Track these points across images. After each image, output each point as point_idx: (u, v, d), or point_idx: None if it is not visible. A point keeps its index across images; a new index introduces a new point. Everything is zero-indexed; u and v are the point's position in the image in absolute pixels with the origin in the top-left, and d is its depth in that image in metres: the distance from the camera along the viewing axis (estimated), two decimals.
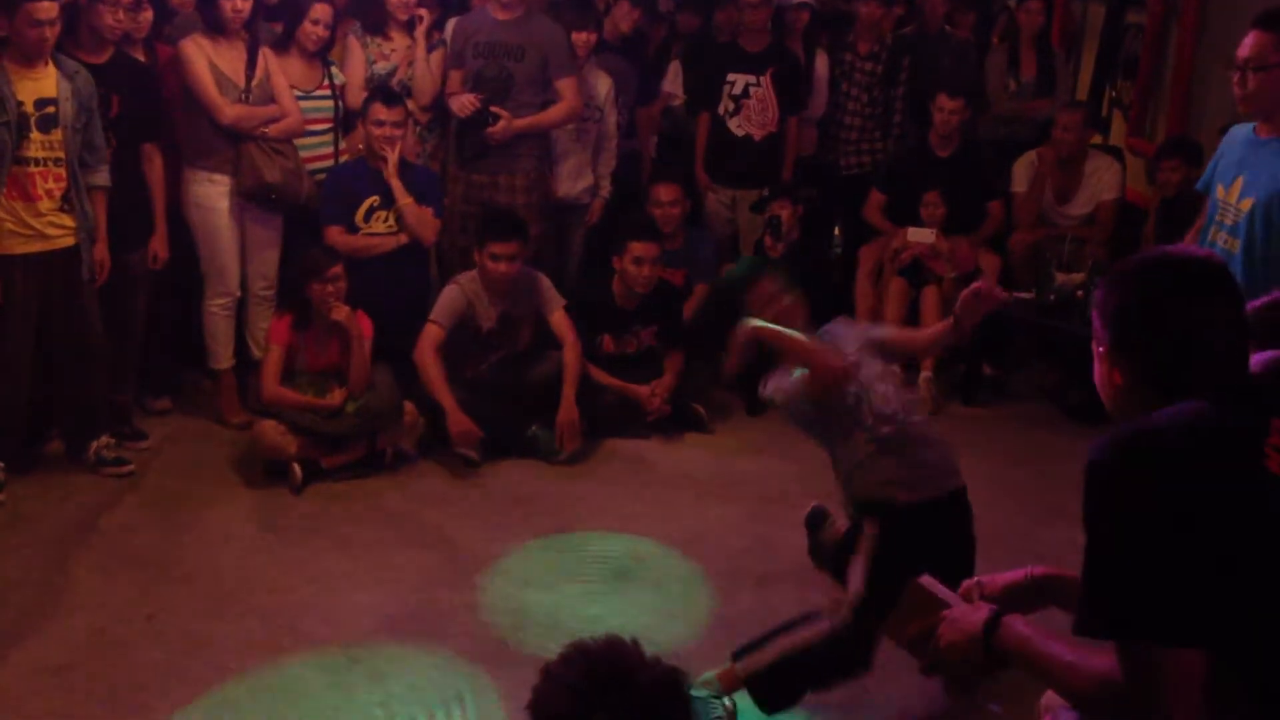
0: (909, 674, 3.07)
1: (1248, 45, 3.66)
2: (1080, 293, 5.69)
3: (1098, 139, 7.05)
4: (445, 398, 5.06)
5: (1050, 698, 2.25)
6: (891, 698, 3.52)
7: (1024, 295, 5.99)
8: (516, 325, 5.39)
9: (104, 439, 4.92)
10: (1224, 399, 1.80)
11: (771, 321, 3.39)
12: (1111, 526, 1.75)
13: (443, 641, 3.77)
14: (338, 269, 4.95)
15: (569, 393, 5.25)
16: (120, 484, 4.79)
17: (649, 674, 1.68)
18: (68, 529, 4.41)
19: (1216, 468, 1.73)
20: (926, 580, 2.23)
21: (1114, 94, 7.42)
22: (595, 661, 1.69)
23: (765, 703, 3.32)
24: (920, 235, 6.26)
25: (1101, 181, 6.41)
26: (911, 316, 6.17)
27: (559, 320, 5.39)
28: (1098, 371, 2.01)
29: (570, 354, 5.32)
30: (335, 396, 4.94)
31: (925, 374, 5.98)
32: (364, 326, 5.03)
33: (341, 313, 4.94)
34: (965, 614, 2.07)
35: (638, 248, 5.45)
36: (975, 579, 2.26)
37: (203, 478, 4.92)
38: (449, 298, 5.26)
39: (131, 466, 4.90)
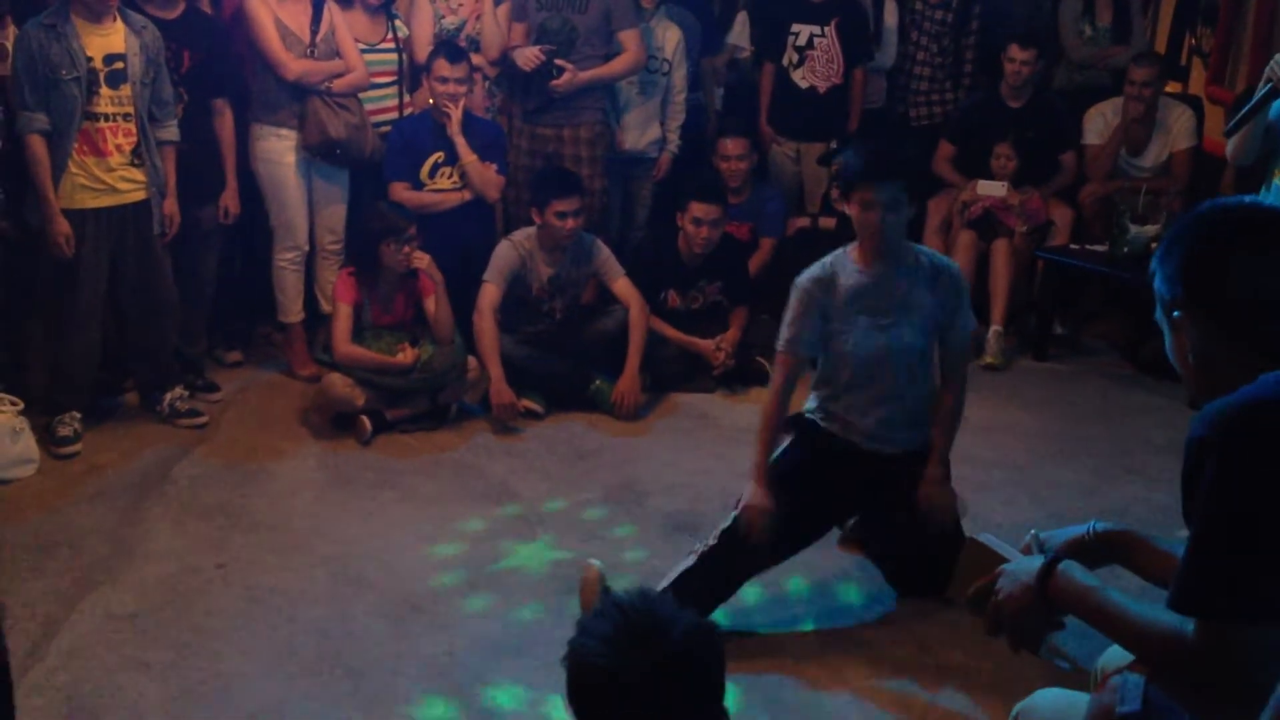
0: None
1: None
2: (1154, 245, 5.55)
3: (1176, 87, 6.87)
4: (494, 366, 5.06)
5: (1108, 659, 2.21)
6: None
7: (1097, 248, 5.88)
8: (566, 290, 5.36)
9: (177, 390, 5.01)
10: None
11: None
12: (1224, 504, 1.69)
13: (505, 593, 3.80)
14: (413, 229, 4.98)
15: (633, 362, 5.24)
16: (192, 435, 4.88)
17: (681, 628, 1.69)
18: (141, 479, 4.49)
19: None
20: (985, 537, 2.21)
21: (1194, 41, 7.22)
22: (629, 615, 1.70)
23: None
24: (991, 188, 6.17)
25: (1174, 131, 6.26)
26: (981, 269, 6.09)
27: (623, 287, 5.35)
28: (1171, 341, 1.94)
29: (636, 321, 5.29)
30: (407, 356, 4.97)
31: (995, 327, 5.92)
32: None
33: (423, 260, 4.98)
34: (1021, 565, 2.05)
35: (698, 208, 5.40)
36: (1034, 533, 2.22)
37: (273, 429, 5.00)
38: (503, 255, 5.24)
39: (205, 418, 4.98)
